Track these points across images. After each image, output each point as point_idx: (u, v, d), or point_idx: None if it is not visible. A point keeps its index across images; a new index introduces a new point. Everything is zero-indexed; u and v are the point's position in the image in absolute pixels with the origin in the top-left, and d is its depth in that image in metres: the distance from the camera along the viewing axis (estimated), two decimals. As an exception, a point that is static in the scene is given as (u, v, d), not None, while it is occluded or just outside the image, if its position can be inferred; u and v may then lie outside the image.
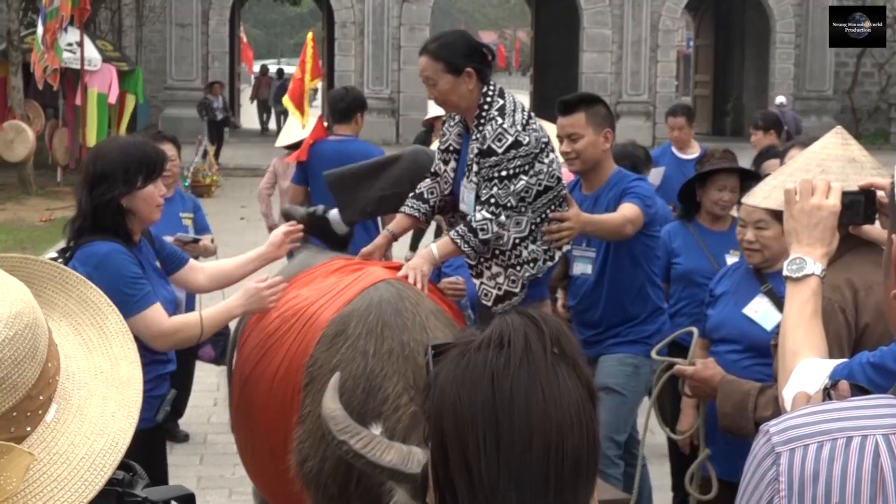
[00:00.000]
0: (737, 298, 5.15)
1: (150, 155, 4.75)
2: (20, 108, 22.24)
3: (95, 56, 22.18)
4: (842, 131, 3.53)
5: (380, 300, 4.61)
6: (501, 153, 5.09)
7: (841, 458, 1.68)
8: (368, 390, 4.37)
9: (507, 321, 1.71)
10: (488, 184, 5.12)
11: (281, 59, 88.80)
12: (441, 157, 5.40)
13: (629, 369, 6.04)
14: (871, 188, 3.12)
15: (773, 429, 1.78)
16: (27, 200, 21.22)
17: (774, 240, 4.99)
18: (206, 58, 31.94)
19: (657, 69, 33.29)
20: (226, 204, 20.38)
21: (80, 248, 4.68)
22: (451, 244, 5.10)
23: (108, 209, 4.66)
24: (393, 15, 31.90)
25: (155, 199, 4.74)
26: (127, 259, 4.64)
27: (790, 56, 33.42)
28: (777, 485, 1.72)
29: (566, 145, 5.97)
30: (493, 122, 5.12)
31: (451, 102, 5.24)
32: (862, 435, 1.69)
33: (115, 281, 4.48)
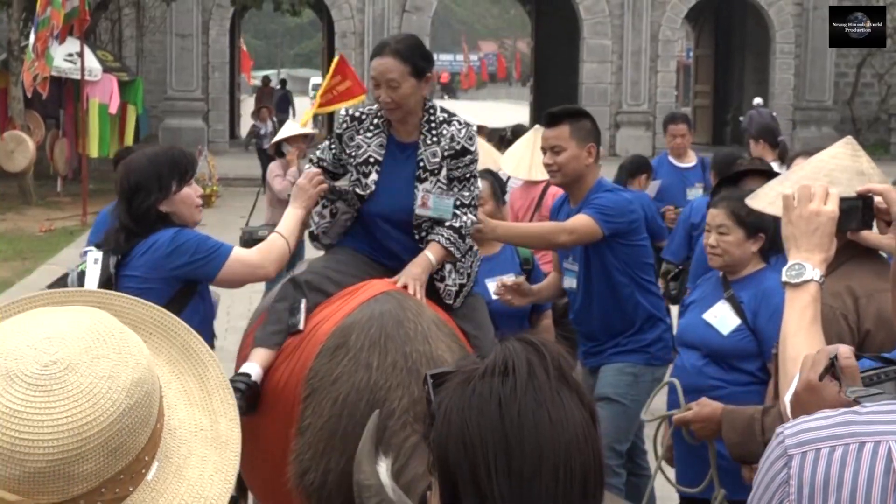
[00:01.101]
0: (702, 305, 5.21)
1: (178, 158, 4.91)
2: (20, 118, 22.24)
3: (96, 66, 22.22)
4: (852, 142, 3.53)
5: (381, 312, 4.59)
6: (473, 151, 5.11)
7: (853, 464, 1.68)
8: (373, 403, 4.35)
9: (509, 348, 1.75)
10: (467, 184, 5.12)
11: (281, 69, 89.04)
12: (361, 169, 5.12)
13: (629, 378, 6.05)
14: (869, 194, 3.12)
15: (787, 431, 1.79)
16: (27, 211, 21.22)
17: (735, 245, 5.05)
18: (207, 68, 31.98)
19: (657, 79, 33.34)
20: (226, 214, 20.33)
21: (141, 246, 4.79)
22: (443, 251, 5.05)
23: (148, 217, 4.80)
24: (393, 25, 31.94)
25: (193, 199, 4.90)
26: (189, 230, 4.86)
27: (790, 66, 33.45)
28: (787, 487, 1.73)
29: (549, 157, 6.00)
30: (455, 124, 5.09)
31: (406, 108, 5.04)
32: (875, 441, 1.69)
33: (197, 246, 4.77)
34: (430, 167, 5.05)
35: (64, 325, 1.78)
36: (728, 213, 5.08)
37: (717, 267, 5.19)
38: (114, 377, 1.73)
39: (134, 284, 4.79)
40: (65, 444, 1.67)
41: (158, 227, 4.81)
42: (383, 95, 4.98)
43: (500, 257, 6.29)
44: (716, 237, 5.11)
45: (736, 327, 5.03)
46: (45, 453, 1.67)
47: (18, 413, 1.67)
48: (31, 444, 1.66)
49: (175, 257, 4.74)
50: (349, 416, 4.42)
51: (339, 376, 4.50)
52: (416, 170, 5.06)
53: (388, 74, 4.97)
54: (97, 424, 1.69)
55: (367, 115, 5.18)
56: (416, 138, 5.09)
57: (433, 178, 5.05)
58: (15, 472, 1.67)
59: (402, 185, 5.09)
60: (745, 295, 5.02)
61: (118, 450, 1.72)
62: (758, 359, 4.98)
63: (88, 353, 1.74)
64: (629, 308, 6.07)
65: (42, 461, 1.67)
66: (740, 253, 5.07)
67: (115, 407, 1.71)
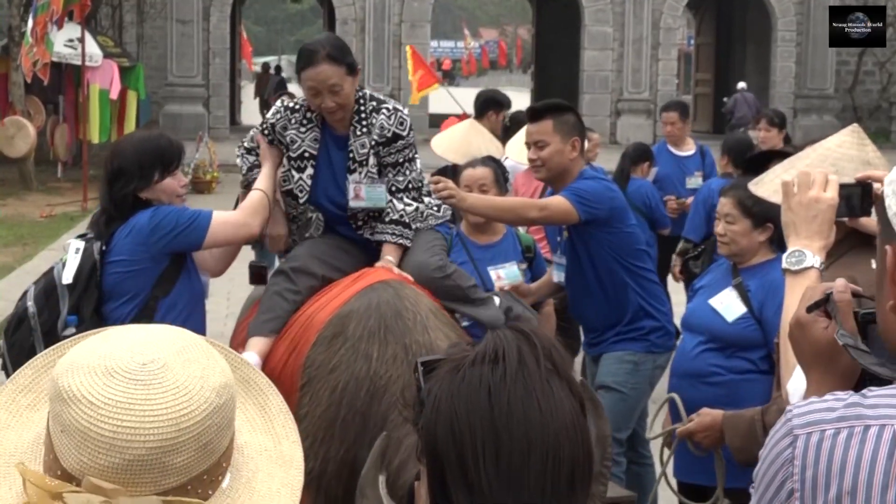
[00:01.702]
0: (709, 291, 5.24)
1: (165, 148, 4.90)
2: (21, 103, 22.22)
3: (96, 52, 22.16)
4: (858, 130, 3.52)
5: (379, 302, 4.59)
6: (406, 135, 5.10)
7: (857, 446, 1.70)
8: (373, 393, 4.36)
9: (500, 337, 1.76)
10: (400, 169, 5.11)
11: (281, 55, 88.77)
12: (295, 165, 5.12)
13: (629, 367, 6.07)
14: (869, 180, 3.11)
15: (795, 410, 1.80)
16: (28, 196, 21.21)
17: (741, 235, 5.08)
18: (207, 54, 31.92)
19: (658, 67, 33.27)
20: (226, 200, 20.28)
21: (121, 231, 4.81)
22: (397, 248, 5.09)
23: (125, 203, 4.81)
24: (394, 12, 31.87)
25: (175, 190, 4.92)
26: (167, 206, 4.86)
27: (791, 54, 33.38)
28: (791, 467, 1.75)
29: (532, 152, 6.00)
30: (384, 111, 5.07)
31: (347, 106, 5.03)
32: (880, 424, 1.70)
33: (177, 219, 4.79)
34: (359, 158, 5.04)
35: (155, 333, 1.90)
36: (735, 203, 5.10)
37: (725, 255, 5.23)
38: (205, 377, 1.83)
39: (121, 269, 4.80)
40: (165, 433, 1.76)
41: (136, 210, 4.81)
42: (327, 102, 4.94)
43: (502, 245, 6.29)
44: (724, 226, 5.15)
45: (741, 315, 5.05)
46: (145, 441, 1.75)
47: (121, 403, 1.76)
48: (133, 431, 1.75)
49: (157, 232, 4.76)
50: (348, 405, 4.42)
51: (336, 365, 4.51)
52: (346, 162, 5.06)
53: (330, 81, 4.94)
54: (192, 417, 1.78)
55: (300, 107, 5.16)
56: (347, 131, 5.08)
57: (362, 168, 5.04)
58: (115, 460, 1.75)
59: (336, 179, 5.10)
60: (753, 284, 5.04)
61: (207, 446, 1.81)
62: (761, 348, 5.00)
63: (181, 355, 1.84)
64: (621, 297, 6.06)
65: (142, 449, 1.75)
66: (747, 242, 5.09)
67: (208, 403, 1.81)
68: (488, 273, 6.14)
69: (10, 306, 12.93)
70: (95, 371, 1.79)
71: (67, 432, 1.77)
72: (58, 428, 1.79)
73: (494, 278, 6.13)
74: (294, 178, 5.10)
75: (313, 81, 4.95)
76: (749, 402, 4.61)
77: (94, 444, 1.75)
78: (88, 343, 1.88)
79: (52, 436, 1.82)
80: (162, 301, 4.85)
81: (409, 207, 5.12)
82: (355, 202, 5.04)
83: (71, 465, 1.78)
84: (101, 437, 1.75)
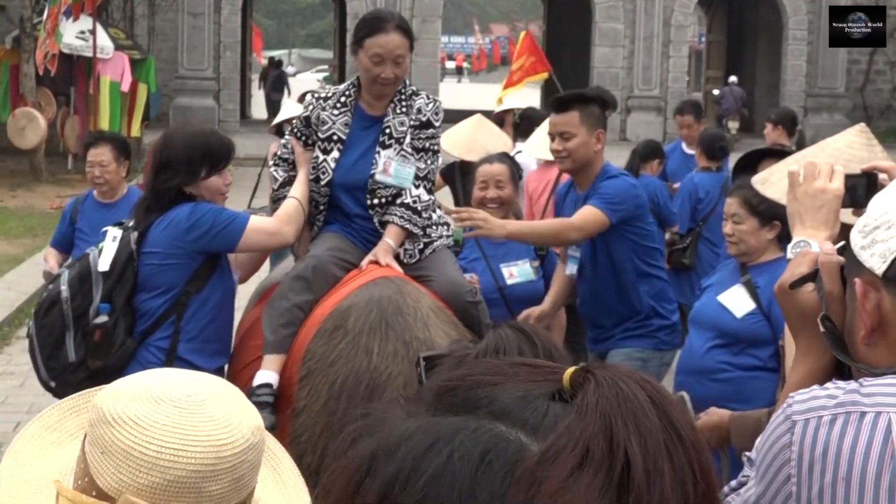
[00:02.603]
0: (718, 288, 5.24)
1: (213, 147, 4.90)
2: (32, 95, 22.25)
3: (108, 44, 22.19)
4: (866, 130, 3.51)
5: (380, 297, 4.59)
6: (437, 126, 5.12)
7: (852, 433, 1.73)
8: (372, 388, 4.36)
9: (500, 335, 1.77)
10: (424, 156, 5.10)
11: (292, 49, 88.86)
12: (322, 146, 5.09)
13: (637, 364, 6.05)
14: (875, 171, 3.11)
15: (796, 398, 1.84)
16: (38, 188, 21.26)
17: (749, 234, 5.09)
18: (218, 47, 31.96)
19: (669, 64, 33.25)
20: (237, 193, 20.29)
21: (160, 223, 4.82)
22: (401, 231, 5.02)
23: (167, 195, 4.83)
24: (405, 6, 31.85)
25: (219, 188, 4.95)
26: (206, 203, 4.86)
27: (802, 53, 33.34)
28: (789, 453, 1.79)
29: (557, 143, 5.94)
30: (423, 96, 5.12)
31: (400, 81, 5.06)
32: (876, 411, 1.74)
33: (214, 219, 4.79)
34: (396, 135, 5.03)
35: (193, 375, 1.97)
36: (741, 202, 5.11)
37: (734, 255, 5.23)
38: (242, 415, 1.90)
39: (156, 261, 4.81)
40: (206, 457, 1.81)
41: (177, 203, 4.83)
42: (388, 72, 4.94)
43: (515, 243, 6.28)
44: (731, 226, 5.16)
45: (750, 311, 5.05)
46: (187, 463, 1.80)
47: (166, 427, 1.81)
48: (176, 452, 1.80)
49: (194, 230, 4.77)
50: (347, 399, 4.42)
51: (336, 359, 4.50)
52: (379, 137, 5.03)
53: (397, 51, 4.95)
54: (232, 447, 1.84)
55: (333, 94, 5.18)
56: (385, 111, 5.07)
57: (398, 145, 5.02)
58: (155, 479, 1.79)
59: (361, 155, 5.06)
60: (762, 280, 5.05)
61: (240, 481, 1.85)
62: (769, 345, 5.00)
63: (220, 394, 1.91)
64: (633, 294, 6.07)
65: (184, 470, 1.80)
66: (755, 241, 5.10)
67: (245, 439, 1.86)
68: (501, 270, 6.14)
69: (20, 297, 12.97)
70: (141, 397, 1.85)
71: (108, 453, 1.81)
72: (97, 451, 1.83)
73: (507, 276, 6.14)
74: (319, 160, 5.07)
75: (381, 49, 4.93)
76: (756, 400, 4.61)
77: (136, 464, 1.80)
78: (129, 378, 1.94)
79: (88, 459, 1.85)
80: (194, 297, 4.86)
81: (424, 196, 5.08)
82: (382, 176, 5.00)
83: (108, 484, 1.82)
84: (144, 457, 1.79)
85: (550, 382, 1.16)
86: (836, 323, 2.09)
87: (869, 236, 1.98)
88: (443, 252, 5.17)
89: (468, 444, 1.09)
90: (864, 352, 2.00)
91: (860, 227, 2.01)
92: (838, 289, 2.10)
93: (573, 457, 1.06)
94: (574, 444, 1.07)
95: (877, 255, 1.95)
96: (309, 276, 4.83)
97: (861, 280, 1.97)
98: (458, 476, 1.07)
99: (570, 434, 1.08)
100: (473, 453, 1.08)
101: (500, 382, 1.17)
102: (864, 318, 1.97)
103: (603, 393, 1.11)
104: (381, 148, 5.01)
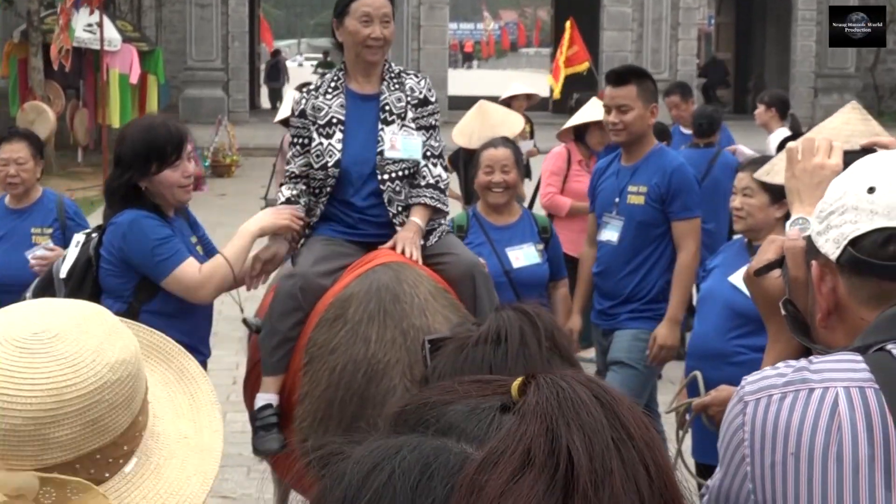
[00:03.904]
0: (725, 270, 5.22)
1: (160, 140, 4.70)
2: (41, 88, 22.28)
3: (115, 36, 22.21)
4: (857, 106, 3.51)
5: (378, 286, 4.63)
6: (434, 101, 5.20)
7: (801, 409, 1.76)
8: (370, 376, 4.42)
9: (503, 317, 1.81)
10: (433, 133, 5.16)
11: (301, 38, 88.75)
12: (323, 132, 5.09)
13: (642, 345, 6.14)
14: (874, 146, 3.09)
15: (749, 379, 1.88)
16: (48, 181, 21.08)
17: (759, 209, 5.09)
18: (226, 38, 31.96)
19: (678, 47, 33.15)
20: (246, 184, 20.39)
21: (108, 226, 4.73)
22: (427, 210, 5.07)
23: (120, 191, 4.72)
24: (413, -6, 31.85)
25: (176, 181, 4.73)
26: (153, 222, 4.68)
27: (812, 33, 33.20)
28: (742, 433, 1.81)
29: (614, 116, 6.10)
30: (411, 76, 5.20)
31: (387, 48, 5.13)
32: (823, 387, 1.76)
33: (144, 245, 4.60)
34: (396, 111, 5.07)
35: (61, 305, 1.85)
36: (753, 177, 5.11)
37: (741, 230, 5.23)
38: (100, 352, 1.76)
39: (106, 265, 4.70)
40: (43, 402, 1.69)
41: (131, 204, 4.70)
42: (377, 31, 5.00)
43: (519, 226, 6.29)
44: (741, 199, 5.16)
45: None
46: (22, 410, 1.69)
47: (2, 371, 1.70)
48: (11, 399, 1.69)
49: (124, 250, 4.65)
50: (346, 386, 4.49)
51: (336, 347, 4.57)
52: (379, 115, 5.06)
53: (384, 9, 5.04)
54: (76, 390, 1.71)
55: (321, 82, 5.22)
56: (377, 89, 5.11)
57: (399, 120, 5.06)
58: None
59: (366, 134, 5.08)
60: None
61: (96, 423, 1.73)
62: None
63: (79, 328, 1.77)
64: (650, 272, 6.20)
65: (19, 418, 1.68)
66: (763, 217, 5.09)
67: (97, 378, 1.74)
68: (506, 254, 6.14)
69: (30, 290, 12.99)
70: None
71: None
72: None
73: (513, 259, 6.14)
74: (323, 145, 5.07)
75: (369, 7, 5.00)
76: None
77: None
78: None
79: None
80: (145, 306, 4.72)
81: (444, 174, 5.17)
82: (391, 152, 5.03)
83: None
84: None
85: (500, 395, 1.15)
86: (802, 307, 2.12)
87: (824, 221, 2.01)
88: (450, 237, 5.22)
89: (409, 460, 1.08)
90: (823, 335, 2.03)
91: (817, 213, 2.05)
92: (803, 274, 2.12)
93: (514, 460, 1.05)
94: (514, 447, 1.06)
95: (831, 241, 1.97)
96: (297, 294, 4.83)
97: (817, 264, 2.00)
98: (398, 492, 1.06)
99: (510, 438, 1.07)
100: (414, 468, 1.07)
101: (451, 401, 1.16)
102: (820, 302, 2.00)
103: (543, 395, 1.09)
104: (383, 125, 5.05)
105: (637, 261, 6.17)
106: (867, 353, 1.83)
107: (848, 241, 1.93)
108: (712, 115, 10.57)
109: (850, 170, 2.08)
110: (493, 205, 6.25)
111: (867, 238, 1.92)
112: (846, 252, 1.93)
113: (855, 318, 1.95)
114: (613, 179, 6.31)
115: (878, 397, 1.73)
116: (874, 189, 1.95)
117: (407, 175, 5.07)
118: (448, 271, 4.92)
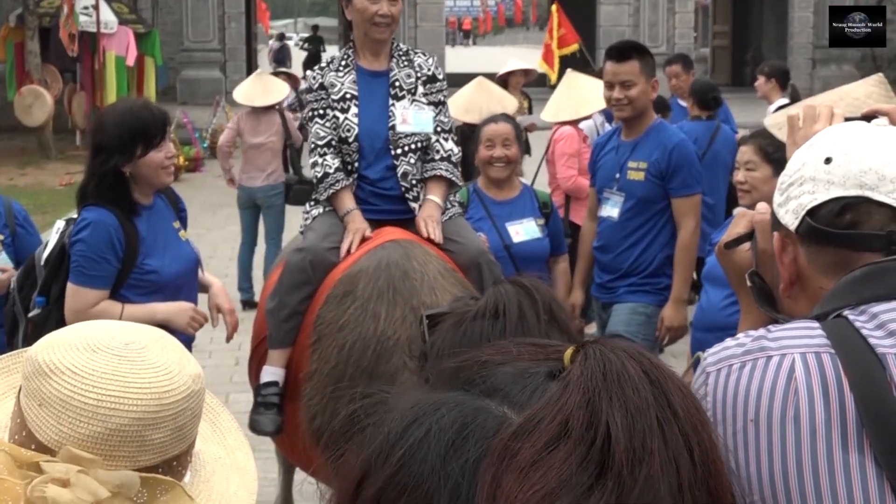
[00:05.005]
0: None
1: (145, 122, 4.63)
2: (38, 72, 22.25)
3: (111, 19, 22.16)
4: (883, 81, 3.51)
5: (388, 262, 4.62)
6: (442, 78, 5.27)
7: (759, 376, 1.78)
8: (380, 353, 4.40)
9: (501, 291, 1.81)
10: (443, 109, 5.25)
11: (298, 18, 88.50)
12: (338, 106, 5.12)
13: (641, 318, 6.16)
14: (876, 114, 3.09)
15: (710, 351, 1.90)
16: (47, 165, 21.28)
17: (762, 181, 5.09)
18: (223, 19, 31.86)
19: (675, 20, 33.06)
20: (245, 164, 20.31)
21: (80, 212, 4.67)
22: (444, 185, 5.14)
23: (106, 178, 4.62)
24: (408, -29, 31.75)
25: (160, 163, 4.64)
26: (107, 235, 4.58)
27: (809, 4, 33.11)
28: (705, 404, 1.80)
29: (619, 92, 6.12)
30: (419, 55, 5.28)
31: (395, 26, 5.20)
32: (781, 354, 1.79)
33: (87, 249, 4.53)
34: (406, 87, 5.14)
35: (127, 324, 1.94)
36: (756, 149, 5.12)
37: (745, 204, 5.22)
38: (182, 364, 1.87)
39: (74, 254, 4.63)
40: (148, 404, 1.78)
41: (114, 190, 4.63)
42: (384, 8, 5.05)
43: (519, 201, 6.31)
44: (744, 173, 5.17)
45: None
46: (129, 411, 1.77)
47: (105, 374, 1.78)
48: (118, 401, 1.77)
49: (79, 243, 4.60)
50: (355, 363, 4.46)
51: (345, 324, 4.55)
52: (389, 91, 5.12)
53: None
54: (174, 395, 1.81)
55: (332, 60, 5.29)
56: (387, 66, 5.18)
57: (410, 96, 5.14)
58: (97, 429, 1.76)
59: (377, 109, 5.13)
60: None
61: (182, 429, 1.83)
62: None
63: (159, 343, 1.88)
64: (651, 247, 6.20)
65: (126, 418, 1.76)
66: (768, 189, 5.07)
67: (186, 386, 1.84)
68: (507, 229, 6.15)
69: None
70: (77, 347, 1.80)
71: (46, 405, 1.77)
72: (34, 403, 1.79)
73: (513, 234, 6.16)
74: (340, 119, 5.12)
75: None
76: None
77: (76, 413, 1.75)
78: (64, 330, 1.90)
79: (25, 412, 1.81)
80: (115, 297, 4.63)
81: (455, 148, 5.23)
82: (403, 126, 5.09)
83: (48, 436, 1.77)
84: (84, 406, 1.75)
85: (552, 361, 1.13)
86: (771, 280, 2.15)
87: (784, 193, 2.04)
88: (460, 220, 5.25)
89: (448, 419, 1.07)
90: (786, 304, 2.07)
91: (778, 185, 2.08)
92: (770, 246, 2.14)
93: (550, 429, 1.03)
94: (553, 417, 1.04)
95: (790, 212, 2.00)
96: (307, 268, 4.85)
97: (778, 235, 2.04)
98: (431, 449, 1.06)
99: (550, 406, 1.05)
100: (451, 427, 1.06)
101: (504, 362, 1.15)
102: (782, 272, 2.04)
103: (589, 366, 1.07)
104: (394, 101, 5.12)
105: (637, 235, 6.18)
106: (826, 320, 1.85)
107: (806, 212, 1.97)
108: (717, 86, 10.58)
109: (810, 142, 2.10)
110: (494, 179, 6.26)
111: (824, 208, 1.95)
112: (804, 222, 1.97)
113: (815, 287, 1.98)
114: (613, 155, 6.33)
115: (834, 362, 1.75)
116: (831, 160, 1.97)
117: (420, 148, 5.13)
118: (454, 260, 4.94)
